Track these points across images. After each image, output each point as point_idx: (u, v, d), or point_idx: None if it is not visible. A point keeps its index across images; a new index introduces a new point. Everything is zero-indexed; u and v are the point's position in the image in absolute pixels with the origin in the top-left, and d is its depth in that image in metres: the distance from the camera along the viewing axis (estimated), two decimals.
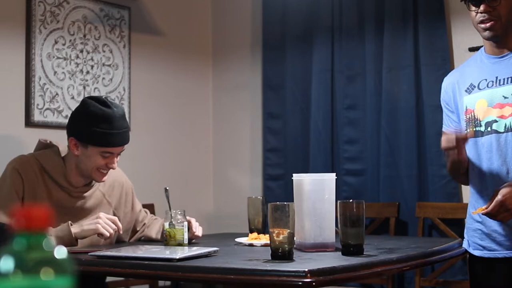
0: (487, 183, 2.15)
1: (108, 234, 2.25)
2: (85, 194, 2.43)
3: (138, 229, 2.62)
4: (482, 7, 2.09)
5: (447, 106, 2.32)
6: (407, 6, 3.62)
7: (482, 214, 2.04)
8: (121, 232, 2.34)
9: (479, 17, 2.11)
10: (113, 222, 2.28)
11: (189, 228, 2.39)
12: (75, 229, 2.23)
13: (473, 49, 3.26)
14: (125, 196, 2.57)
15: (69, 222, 2.25)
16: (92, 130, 2.30)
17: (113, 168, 2.38)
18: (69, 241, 2.21)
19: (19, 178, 2.29)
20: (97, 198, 2.47)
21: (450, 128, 2.23)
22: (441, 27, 3.51)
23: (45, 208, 0.74)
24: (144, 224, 2.64)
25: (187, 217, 2.37)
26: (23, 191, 2.29)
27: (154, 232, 2.56)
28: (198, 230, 2.45)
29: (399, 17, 3.65)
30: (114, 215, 2.46)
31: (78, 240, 2.26)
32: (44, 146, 2.45)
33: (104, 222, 2.25)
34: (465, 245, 2.29)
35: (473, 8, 2.13)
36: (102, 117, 2.31)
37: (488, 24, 2.10)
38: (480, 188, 2.18)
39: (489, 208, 2.00)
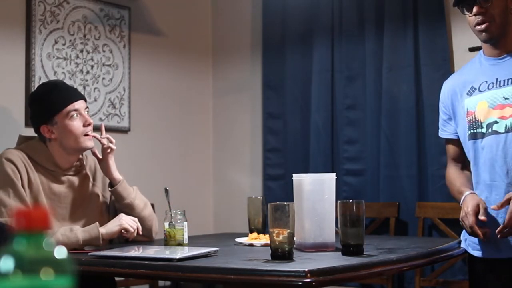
0: (488, 183, 2.15)
1: (132, 230, 2.38)
2: (72, 179, 2.47)
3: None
4: (474, 9, 2.12)
5: (444, 109, 2.34)
6: (407, 6, 3.62)
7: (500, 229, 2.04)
8: (140, 232, 2.43)
9: (474, 19, 2.14)
10: (134, 221, 2.43)
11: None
12: (102, 229, 2.32)
13: (473, 49, 3.27)
14: (108, 181, 2.59)
15: (97, 223, 2.34)
16: (48, 103, 2.43)
17: (91, 123, 2.46)
18: (95, 240, 2.29)
19: (14, 166, 2.33)
20: (84, 183, 2.51)
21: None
22: (441, 27, 3.51)
23: (45, 208, 0.74)
24: None
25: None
26: (21, 178, 2.32)
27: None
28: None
29: (399, 17, 3.65)
30: (103, 197, 2.55)
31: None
32: (25, 139, 2.50)
33: (127, 220, 2.39)
34: (464, 245, 2.29)
35: (466, 12, 2.16)
36: (49, 90, 2.45)
37: (483, 26, 2.12)
38: (480, 188, 2.19)
39: (506, 221, 2.00)
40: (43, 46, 3.46)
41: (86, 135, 2.44)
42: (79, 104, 2.44)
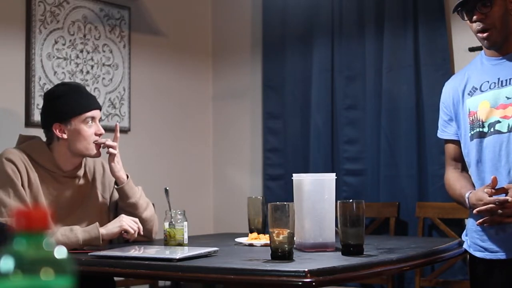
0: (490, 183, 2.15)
1: (132, 231, 2.37)
2: (71, 180, 2.47)
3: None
4: (475, 17, 2.12)
5: (445, 110, 2.34)
6: (407, 6, 3.62)
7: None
8: (141, 233, 2.43)
9: (476, 26, 2.14)
10: (135, 222, 2.42)
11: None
12: (102, 230, 2.32)
13: (473, 49, 3.27)
14: (108, 182, 2.59)
15: (97, 223, 2.33)
16: (69, 104, 2.42)
17: (102, 133, 2.47)
18: (95, 240, 2.28)
19: (14, 166, 2.32)
20: (83, 184, 2.51)
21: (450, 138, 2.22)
22: (441, 27, 3.51)
23: (45, 208, 0.75)
24: None
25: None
26: (21, 178, 2.31)
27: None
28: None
29: (399, 17, 3.65)
30: (103, 198, 2.54)
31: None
32: (26, 139, 2.49)
33: (127, 221, 2.38)
34: (465, 246, 2.29)
35: (466, 17, 2.16)
36: (71, 91, 2.45)
37: (485, 34, 2.13)
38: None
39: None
40: (43, 46, 3.46)
41: (96, 144, 2.45)
42: (96, 113, 2.47)
